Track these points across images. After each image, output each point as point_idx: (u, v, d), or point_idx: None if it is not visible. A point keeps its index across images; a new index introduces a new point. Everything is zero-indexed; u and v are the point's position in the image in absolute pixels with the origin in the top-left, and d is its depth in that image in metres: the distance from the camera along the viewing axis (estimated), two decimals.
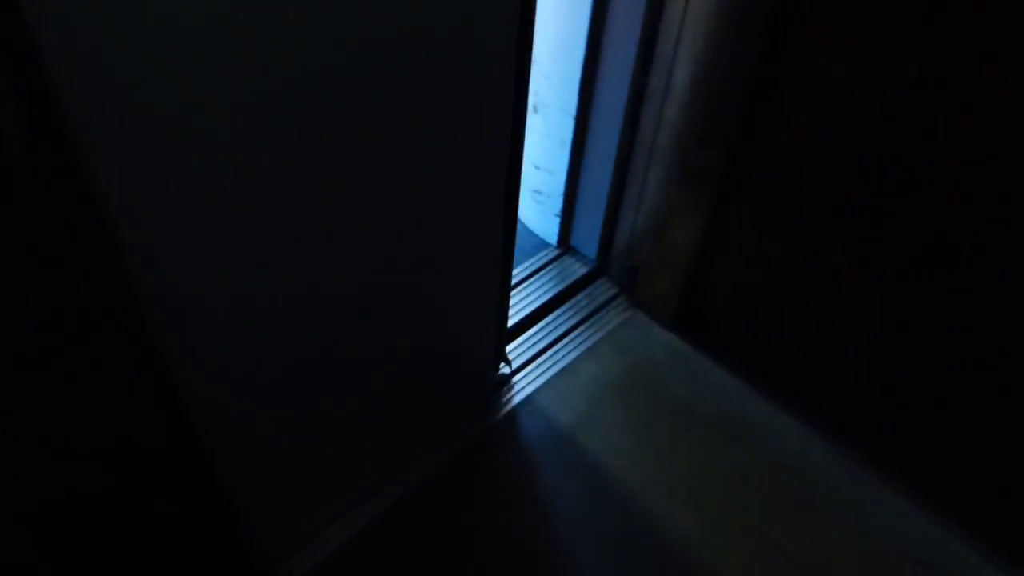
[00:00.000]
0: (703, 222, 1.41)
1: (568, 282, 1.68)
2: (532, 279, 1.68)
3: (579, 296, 1.67)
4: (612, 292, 1.68)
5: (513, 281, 1.55)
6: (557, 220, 1.71)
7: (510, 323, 1.53)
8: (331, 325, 1.01)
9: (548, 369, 1.51)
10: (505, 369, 1.49)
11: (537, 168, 1.67)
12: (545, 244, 1.77)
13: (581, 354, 1.55)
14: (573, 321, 1.61)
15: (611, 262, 1.70)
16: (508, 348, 1.52)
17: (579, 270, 1.71)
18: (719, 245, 1.44)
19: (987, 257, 1.07)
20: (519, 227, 1.74)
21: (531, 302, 1.62)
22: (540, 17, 1.03)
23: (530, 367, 1.51)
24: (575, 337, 1.59)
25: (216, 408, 0.90)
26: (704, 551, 1.22)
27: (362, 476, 1.27)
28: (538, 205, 1.75)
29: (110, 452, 0.74)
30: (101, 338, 0.65)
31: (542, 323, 1.60)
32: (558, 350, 1.55)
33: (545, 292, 1.65)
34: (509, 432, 1.40)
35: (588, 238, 1.70)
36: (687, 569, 1.21)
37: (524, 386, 1.48)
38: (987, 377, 1.15)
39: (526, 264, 1.71)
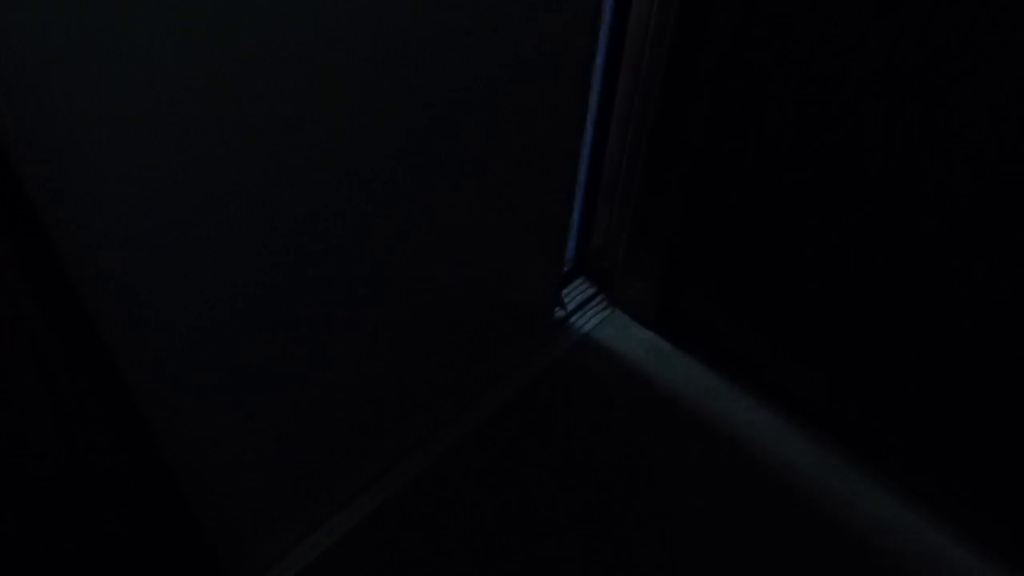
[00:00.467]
0: (677, 221, 1.41)
1: None
2: None
3: None
4: (591, 292, 1.67)
5: None
6: None
7: None
8: (397, 282, 1.05)
9: None
10: (560, 312, 1.55)
11: None
12: None
13: (561, 354, 1.54)
14: None
15: (589, 261, 1.69)
16: None
17: None
18: (694, 244, 1.43)
19: (965, 249, 1.06)
20: None
21: None
22: None
23: None
24: None
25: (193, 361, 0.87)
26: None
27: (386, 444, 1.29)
28: None
29: (47, 461, 0.72)
30: (40, 341, 0.63)
31: None
32: None
33: None
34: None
35: None
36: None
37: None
38: (965, 371, 1.14)
39: None
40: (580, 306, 1.64)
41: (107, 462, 0.78)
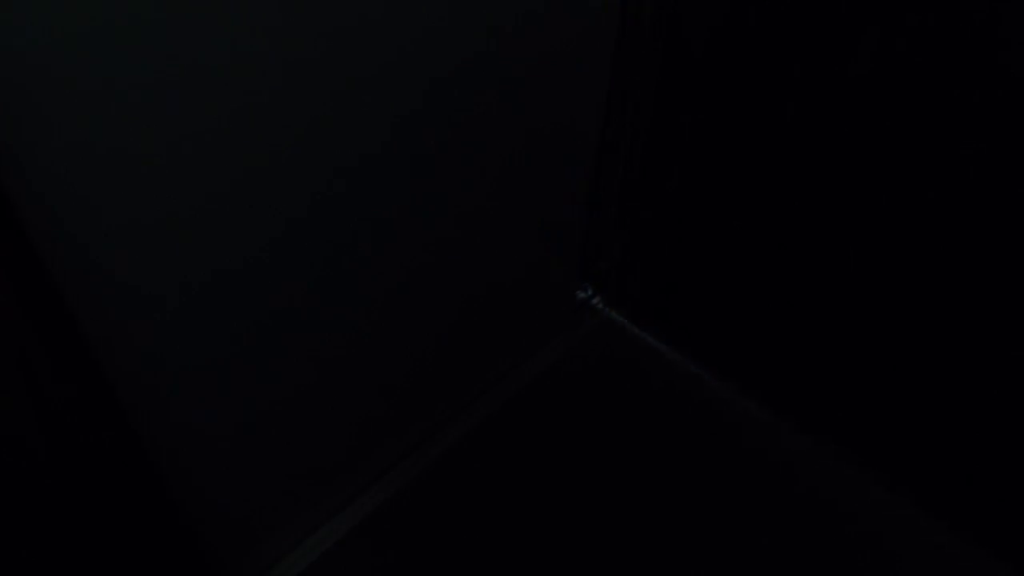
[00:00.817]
0: (674, 222, 1.41)
1: None
2: None
3: None
4: (588, 293, 1.67)
5: None
6: None
7: None
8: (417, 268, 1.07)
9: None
10: (582, 293, 1.59)
11: None
12: None
13: (558, 356, 1.54)
14: None
15: (585, 263, 1.69)
16: None
17: None
18: (691, 245, 1.43)
19: (962, 250, 1.06)
20: None
21: None
22: None
23: None
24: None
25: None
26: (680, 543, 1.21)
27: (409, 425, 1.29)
28: None
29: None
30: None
31: None
32: None
33: None
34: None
35: None
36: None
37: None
38: (964, 371, 1.14)
39: None
40: (577, 308, 1.64)
41: (93, 465, 0.77)
